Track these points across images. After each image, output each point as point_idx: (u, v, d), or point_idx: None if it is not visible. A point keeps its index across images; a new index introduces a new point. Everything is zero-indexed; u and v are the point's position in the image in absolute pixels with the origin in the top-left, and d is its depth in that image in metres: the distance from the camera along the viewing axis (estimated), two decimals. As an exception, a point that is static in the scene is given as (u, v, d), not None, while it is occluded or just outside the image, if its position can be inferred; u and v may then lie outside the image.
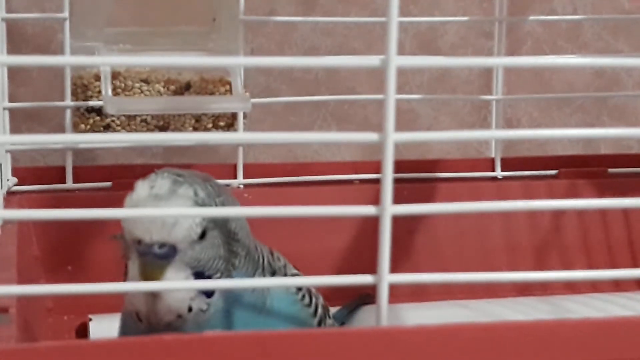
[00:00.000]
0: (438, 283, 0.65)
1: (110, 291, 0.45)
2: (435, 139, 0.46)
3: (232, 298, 0.54)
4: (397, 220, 0.46)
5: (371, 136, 0.46)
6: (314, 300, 0.60)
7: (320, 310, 0.60)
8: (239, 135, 0.52)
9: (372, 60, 0.45)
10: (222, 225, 0.54)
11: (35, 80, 0.92)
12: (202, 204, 0.53)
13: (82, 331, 0.75)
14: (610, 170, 0.90)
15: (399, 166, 0.62)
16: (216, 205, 0.54)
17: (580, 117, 1.04)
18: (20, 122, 0.90)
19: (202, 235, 0.53)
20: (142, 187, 0.53)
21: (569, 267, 0.86)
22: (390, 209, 0.45)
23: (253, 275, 0.56)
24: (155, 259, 0.52)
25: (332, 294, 0.66)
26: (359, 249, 0.82)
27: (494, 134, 0.71)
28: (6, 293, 0.48)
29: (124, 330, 0.57)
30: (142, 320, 0.53)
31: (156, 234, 0.51)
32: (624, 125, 1.05)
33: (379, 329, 0.46)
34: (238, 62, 0.67)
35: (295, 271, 0.61)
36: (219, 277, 0.54)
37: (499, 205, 0.49)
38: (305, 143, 0.97)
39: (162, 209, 0.52)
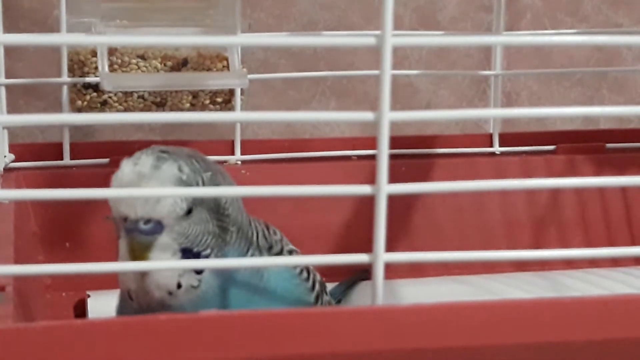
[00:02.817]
0: (434, 262, 0.65)
1: (104, 271, 0.45)
2: (431, 118, 0.46)
3: (227, 274, 0.54)
4: (394, 196, 0.46)
5: (367, 115, 0.45)
6: (311, 275, 0.60)
7: (317, 286, 0.60)
8: (235, 115, 0.52)
9: (368, 39, 0.45)
10: (211, 200, 0.54)
11: (32, 56, 0.92)
12: (187, 180, 0.53)
13: (80, 308, 0.75)
14: (609, 145, 0.90)
15: (397, 142, 0.61)
16: (203, 180, 0.53)
17: (580, 90, 1.04)
18: (18, 96, 0.90)
19: (189, 211, 0.53)
20: (126, 165, 0.53)
21: (567, 242, 0.86)
22: (385, 188, 0.45)
23: (246, 251, 0.56)
24: (142, 235, 0.52)
25: (329, 270, 0.66)
26: (357, 225, 0.82)
27: (491, 113, 0.71)
28: (2, 273, 0.48)
29: (121, 309, 0.57)
30: (133, 298, 0.54)
31: (140, 210, 0.51)
32: (623, 98, 1.04)
33: (374, 308, 0.46)
34: (234, 41, 0.67)
35: (291, 246, 0.61)
36: (209, 253, 0.54)
37: (495, 184, 0.49)
38: (301, 122, 0.96)
39: (153, 189, 0.52)
